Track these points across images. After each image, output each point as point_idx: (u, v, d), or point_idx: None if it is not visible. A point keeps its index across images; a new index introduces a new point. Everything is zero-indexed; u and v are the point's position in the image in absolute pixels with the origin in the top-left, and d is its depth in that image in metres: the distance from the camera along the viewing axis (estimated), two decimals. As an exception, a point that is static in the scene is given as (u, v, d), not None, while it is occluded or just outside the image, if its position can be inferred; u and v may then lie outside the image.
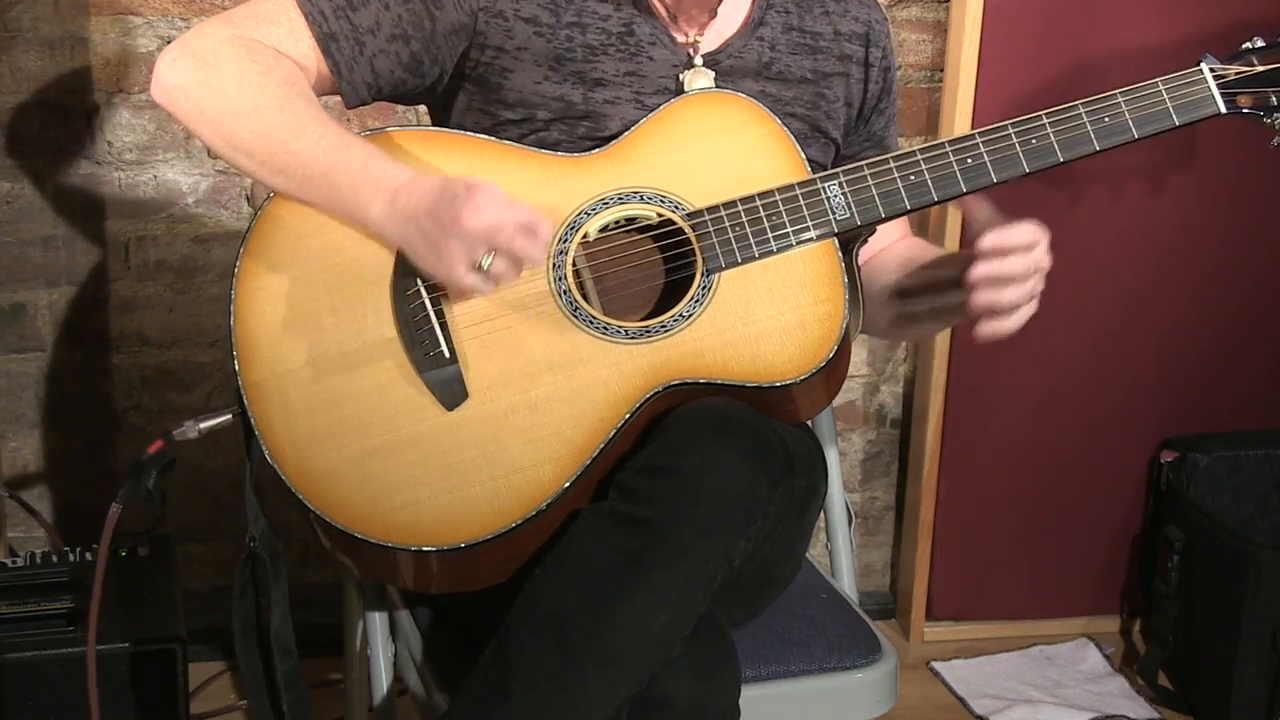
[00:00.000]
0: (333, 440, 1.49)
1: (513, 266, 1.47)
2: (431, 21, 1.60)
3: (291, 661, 1.65)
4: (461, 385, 1.51)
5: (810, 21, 1.72)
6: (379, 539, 1.46)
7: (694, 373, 1.52)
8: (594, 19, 1.64)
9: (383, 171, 1.51)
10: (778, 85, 1.69)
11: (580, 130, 1.63)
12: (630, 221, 1.60)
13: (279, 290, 1.55)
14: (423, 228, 1.46)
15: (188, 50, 1.55)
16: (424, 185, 1.48)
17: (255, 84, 1.53)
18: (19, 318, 2.45)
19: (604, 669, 1.39)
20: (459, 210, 1.43)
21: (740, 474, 1.42)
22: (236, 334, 1.54)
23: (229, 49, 1.54)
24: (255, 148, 1.53)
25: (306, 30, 1.57)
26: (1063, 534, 2.72)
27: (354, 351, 1.53)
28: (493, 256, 1.45)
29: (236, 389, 1.52)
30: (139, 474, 1.63)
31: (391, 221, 1.50)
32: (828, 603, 1.79)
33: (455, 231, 1.43)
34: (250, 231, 1.57)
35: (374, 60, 1.59)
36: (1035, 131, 1.58)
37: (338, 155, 1.52)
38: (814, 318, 1.54)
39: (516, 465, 1.48)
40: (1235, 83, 1.60)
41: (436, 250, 1.46)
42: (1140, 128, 1.59)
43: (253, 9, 1.58)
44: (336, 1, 1.58)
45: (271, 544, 1.63)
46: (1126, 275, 2.59)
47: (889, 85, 1.77)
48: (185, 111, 1.55)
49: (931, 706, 2.58)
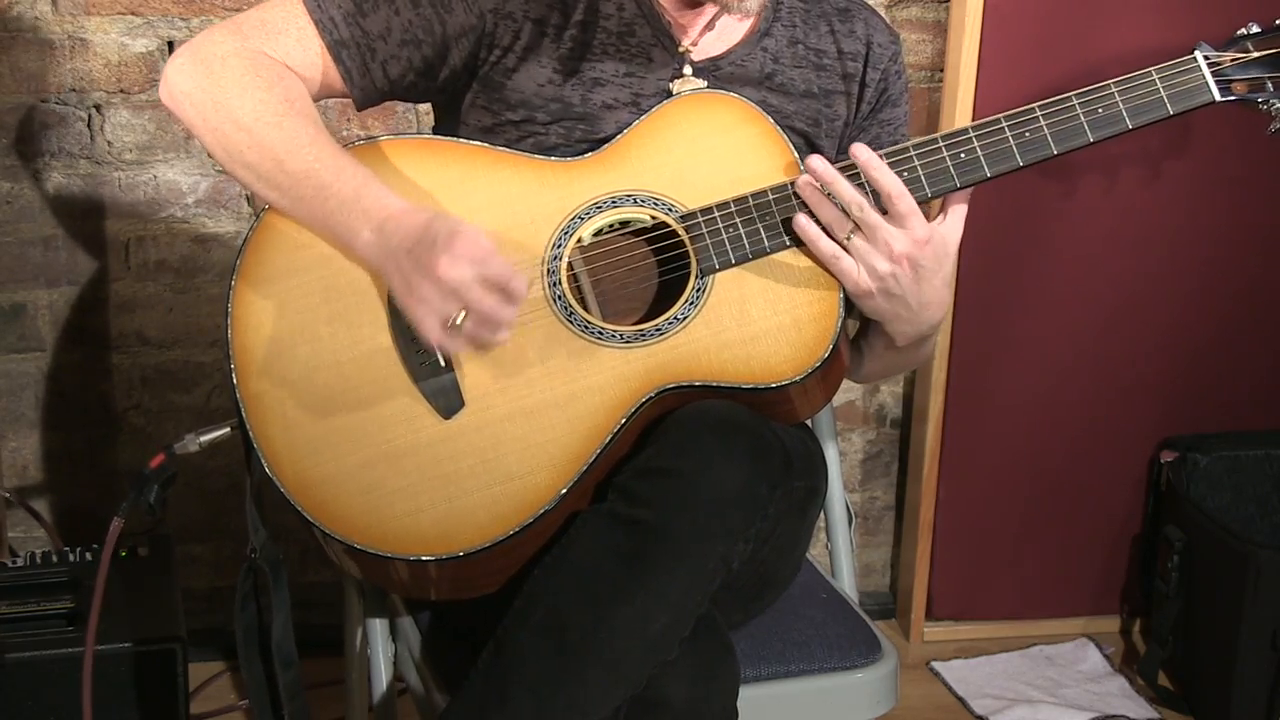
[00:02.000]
0: (331, 450, 1.49)
1: (482, 326, 1.44)
2: (441, 25, 1.60)
3: (293, 672, 1.66)
4: (458, 393, 1.51)
5: (815, 39, 1.71)
6: (378, 549, 1.46)
7: (690, 376, 1.52)
8: (596, 18, 1.64)
9: (373, 199, 1.50)
10: (779, 97, 1.68)
11: (577, 133, 1.63)
12: (625, 225, 1.60)
13: (276, 300, 1.55)
14: (401, 266, 1.46)
15: (197, 58, 1.56)
16: (411, 220, 1.47)
17: (257, 99, 1.53)
18: (19, 318, 2.45)
19: (603, 670, 1.40)
20: (437, 256, 1.42)
21: (739, 476, 1.43)
22: (234, 345, 1.54)
23: (235, 61, 1.55)
24: (251, 161, 1.54)
25: (316, 37, 1.58)
26: (1063, 534, 2.72)
27: (350, 361, 1.53)
28: (464, 316, 1.43)
29: (235, 400, 1.52)
30: (140, 488, 1.63)
31: (375, 252, 1.50)
32: (827, 603, 1.79)
33: (431, 277, 1.43)
34: (247, 241, 1.57)
35: (386, 65, 1.60)
36: (1029, 124, 1.57)
37: (330, 177, 1.51)
38: (809, 317, 1.54)
39: (514, 472, 1.48)
40: (1230, 69, 1.58)
41: (412, 292, 1.45)
42: (1134, 118, 1.57)
43: (261, 17, 1.58)
44: (346, 8, 1.58)
45: (272, 555, 1.64)
46: (1126, 275, 2.59)
47: (880, 105, 1.74)
48: (189, 118, 1.56)
49: (931, 706, 2.58)
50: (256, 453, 1.50)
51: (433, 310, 1.44)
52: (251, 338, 1.54)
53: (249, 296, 1.55)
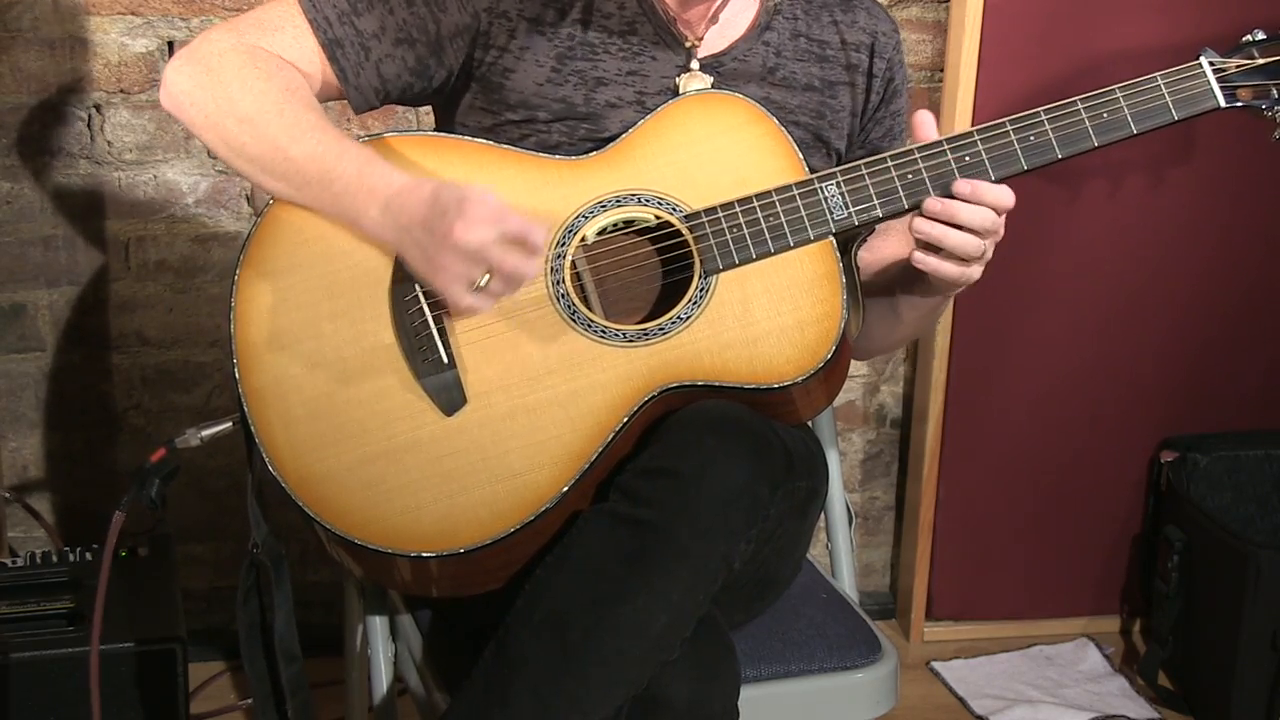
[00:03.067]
0: (333, 446, 1.49)
1: (510, 283, 1.46)
2: (436, 24, 1.60)
3: (296, 666, 1.66)
4: (460, 391, 1.51)
5: (818, 30, 1.71)
6: (379, 545, 1.46)
7: (692, 375, 1.52)
8: (597, 16, 1.64)
9: (378, 177, 1.51)
10: (782, 91, 1.68)
11: (580, 132, 1.63)
12: (628, 224, 1.60)
13: (278, 296, 1.55)
14: (417, 239, 1.46)
15: (194, 57, 1.56)
16: (417, 194, 1.48)
17: (256, 90, 1.53)
18: (19, 318, 2.45)
19: (604, 670, 1.40)
20: (451, 224, 1.42)
21: (741, 476, 1.43)
22: (237, 340, 1.54)
23: (233, 56, 1.55)
24: (255, 153, 1.54)
25: (311, 36, 1.58)
26: (1063, 534, 2.72)
27: (353, 357, 1.53)
28: (489, 276, 1.44)
29: (237, 396, 1.52)
30: (142, 482, 1.64)
31: (386, 229, 1.50)
32: (828, 603, 1.79)
33: (449, 245, 1.43)
34: (250, 237, 1.57)
35: (380, 65, 1.60)
36: (1034, 128, 1.57)
37: (333, 160, 1.52)
38: (812, 319, 1.54)
39: (515, 470, 1.48)
40: (1235, 76, 1.59)
41: (432, 264, 1.46)
42: (1139, 123, 1.58)
43: (258, 17, 1.59)
44: (341, 7, 1.58)
45: (274, 550, 1.64)
46: (1126, 275, 2.59)
47: (889, 96, 1.75)
48: (190, 118, 1.57)
49: (931, 706, 2.58)
50: (258, 448, 1.50)
51: (457, 277, 1.44)
52: (254, 332, 1.54)
53: (252, 292, 1.55)
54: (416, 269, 1.49)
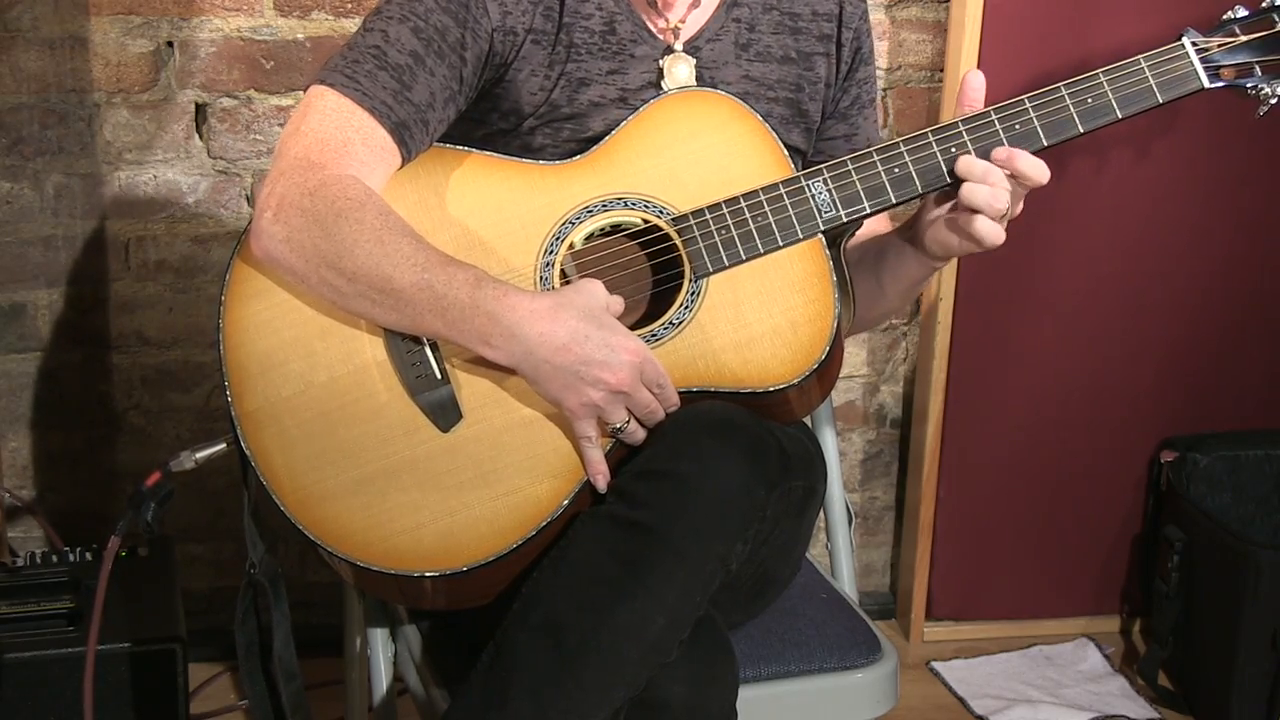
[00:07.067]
0: (330, 467, 1.48)
1: (641, 430, 1.49)
2: (464, 64, 1.58)
3: (296, 684, 1.66)
4: (455, 406, 1.50)
5: (788, 2, 1.71)
6: (380, 566, 1.46)
7: (687, 381, 1.51)
8: (576, 19, 1.63)
9: (493, 300, 1.46)
10: (760, 66, 1.68)
11: (564, 133, 1.63)
12: (616, 228, 1.59)
13: (268, 316, 1.53)
14: (560, 374, 1.45)
15: (284, 205, 1.50)
16: (549, 327, 1.45)
17: (350, 231, 1.48)
18: (19, 318, 2.45)
19: (602, 673, 1.40)
20: (601, 373, 1.44)
21: (737, 477, 1.43)
22: (227, 363, 1.53)
23: (322, 196, 1.49)
24: (364, 289, 1.48)
25: (378, 125, 1.53)
26: (1063, 534, 2.72)
27: (346, 376, 1.51)
28: (630, 421, 1.47)
29: (230, 419, 1.51)
30: (138, 506, 1.63)
31: (514, 359, 1.47)
32: (827, 603, 1.79)
33: (599, 388, 1.45)
34: (234, 259, 1.56)
35: (437, 129, 1.58)
36: (1018, 116, 1.56)
37: (443, 287, 1.46)
38: (804, 319, 1.54)
39: (514, 484, 1.48)
40: (1218, 55, 1.58)
41: (578, 396, 1.46)
42: (1124, 107, 1.57)
43: (319, 138, 1.52)
44: (392, 87, 1.54)
45: (271, 569, 1.64)
46: (1126, 275, 2.59)
47: (857, 64, 1.75)
48: (293, 264, 1.51)
49: (931, 706, 2.58)
50: (255, 470, 1.50)
51: (598, 413, 1.46)
52: (244, 355, 1.52)
53: (239, 314, 1.54)
54: (550, 394, 1.47)
